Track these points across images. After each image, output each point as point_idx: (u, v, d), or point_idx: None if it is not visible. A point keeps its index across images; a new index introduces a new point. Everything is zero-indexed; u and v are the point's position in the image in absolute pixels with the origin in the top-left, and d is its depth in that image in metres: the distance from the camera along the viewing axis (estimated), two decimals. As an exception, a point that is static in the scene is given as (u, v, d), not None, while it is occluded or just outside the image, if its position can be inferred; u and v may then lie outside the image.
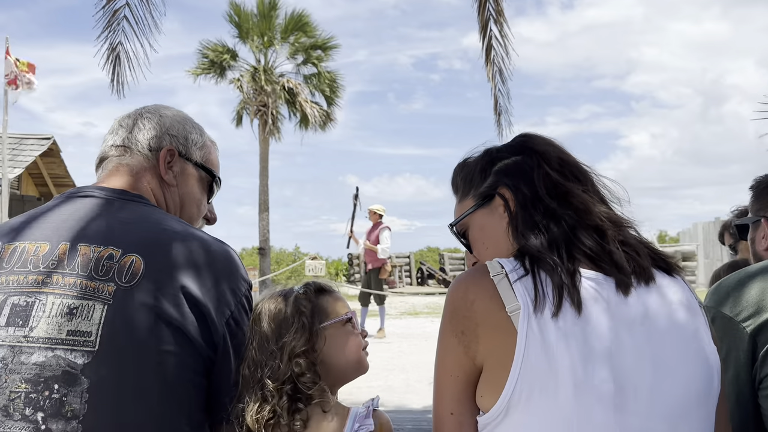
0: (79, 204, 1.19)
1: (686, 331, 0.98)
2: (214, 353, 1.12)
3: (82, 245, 1.10)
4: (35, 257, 1.09)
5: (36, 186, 14.90)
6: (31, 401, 0.99)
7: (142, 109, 1.37)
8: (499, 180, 1.12)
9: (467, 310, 0.95)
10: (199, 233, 1.20)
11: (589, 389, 0.88)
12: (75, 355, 1.01)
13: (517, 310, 0.91)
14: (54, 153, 14.12)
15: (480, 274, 0.97)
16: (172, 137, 1.33)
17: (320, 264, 10.51)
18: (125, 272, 1.07)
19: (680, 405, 0.94)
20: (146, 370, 1.03)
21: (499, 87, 6.01)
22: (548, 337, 0.89)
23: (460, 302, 0.97)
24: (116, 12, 5.05)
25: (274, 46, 19.90)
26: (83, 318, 1.03)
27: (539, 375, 0.88)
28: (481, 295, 0.95)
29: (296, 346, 1.17)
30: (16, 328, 1.03)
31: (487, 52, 5.88)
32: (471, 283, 0.97)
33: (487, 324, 0.93)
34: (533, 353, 0.89)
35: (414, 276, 21.61)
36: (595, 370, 0.89)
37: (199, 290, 1.10)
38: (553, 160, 1.11)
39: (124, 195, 1.22)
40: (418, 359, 7.52)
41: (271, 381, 1.14)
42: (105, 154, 1.32)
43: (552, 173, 1.08)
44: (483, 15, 5.74)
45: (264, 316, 1.22)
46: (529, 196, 1.07)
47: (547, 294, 0.92)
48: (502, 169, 1.13)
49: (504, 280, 0.95)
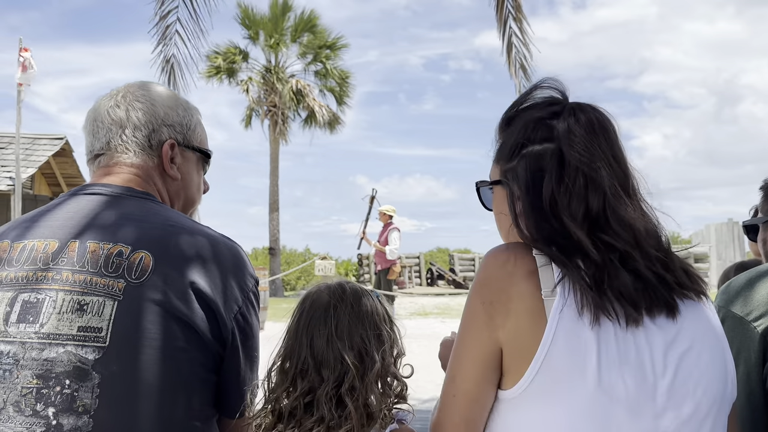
0: (85, 201, 1.19)
1: (714, 347, 0.97)
2: (223, 349, 1.13)
3: (92, 242, 1.11)
4: (44, 254, 1.10)
5: (49, 186, 15.03)
6: (42, 396, 1.00)
7: (131, 97, 1.29)
8: (514, 173, 1.01)
9: (503, 281, 0.91)
10: (207, 230, 1.21)
11: (610, 392, 0.86)
12: (86, 350, 1.02)
13: (552, 297, 0.88)
14: (66, 153, 14.24)
15: (524, 248, 0.94)
16: (169, 128, 1.30)
17: (330, 264, 10.53)
18: (135, 269, 1.08)
19: (702, 411, 0.93)
20: (156, 365, 1.04)
21: (523, 83, 6.00)
22: (576, 335, 0.87)
23: (498, 271, 0.93)
24: (168, 27, 5.40)
25: (285, 46, 19.97)
26: (94, 314, 1.04)
27: (560, 371, 0.86)
28: (522, 269, 0.91)
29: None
30: (26, 325, 1.04)
31: (508, 49, 5.90)
32: (513, 254, 0.94)
33: (521, 301, 0.89)
34: (558, 348, 0.86)
35: (424, 277, 21.59)
36: (619, 374, 0.87)
37: (208, 286, 1.11)
38: (599, 168, 0.96)
39: (131, 192, 1.22)
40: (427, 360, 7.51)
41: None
42: (100, 149, 1.28)
43: (585, 192, 0.95)
44: (502, 13, 5.76)
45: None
46: (536, 205, 0.97)
47: (588, 297, 0.88)
48: (525, 158, 1.00)
49: (546, 262, 0.91)
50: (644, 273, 0.93)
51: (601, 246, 0.92)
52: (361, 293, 1.19)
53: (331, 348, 1.12)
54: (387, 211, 9.80)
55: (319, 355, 1.12)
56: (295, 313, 1.20)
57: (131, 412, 1.02)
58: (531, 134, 1.01)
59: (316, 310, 1.16)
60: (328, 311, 1.15)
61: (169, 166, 1.30)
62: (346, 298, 1.17)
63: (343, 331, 1.13)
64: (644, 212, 0.99)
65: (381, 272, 9.73)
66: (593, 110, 1.02)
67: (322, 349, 1.12)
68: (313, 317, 1.16)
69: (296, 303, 1.23)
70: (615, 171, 0.98)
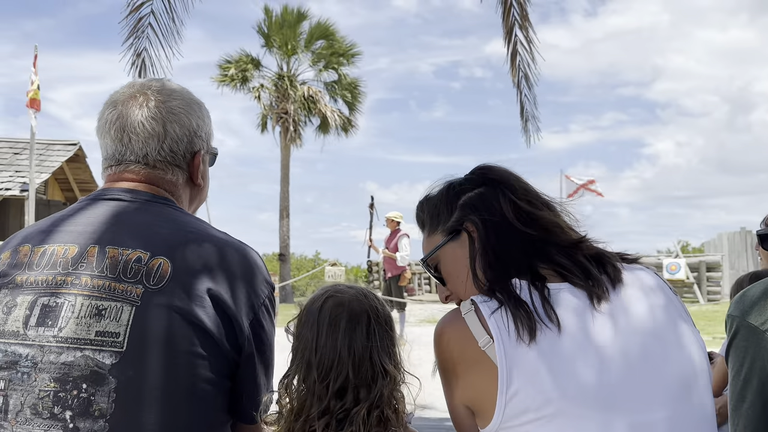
0: (105, 206, 1.20)
1: (665, 317, 1.03)
2: (239, 355, 1.13)
3: (111, 248, 1.12)
4: (64, 259, 1.11)
5: (62, 191, 15.16)
6: (59, 400, 1.01)
7: (164, 108, 1.25)
8: (465, 214, 1.12)
9: (444, 353, 1.02)
10: (224, 236, 1.22)
11: (581, 401, 0.92)
12: (103, 355, 1.03)
13: (489, 343, 0.95)
14: (80, 159, 14.37)
15: (452, 315, 1.04)
16: (198, 138, 1.30)
17: (340, 270, 10.55)
18: (153, 275, 1.09)
19: (677, 388, 0.98)
20: (172, 371, 1.05)
21: (525, 93, 5.98)
22: (529, 361, 0.93)
23: (438, 344, 1.04)
24: (141, 19, 5.21)
25: (298, 54, 20.11)
26: (112, 319, 1.05)
27: (526, 400, 0.92)
28: (454, 334, 1.01)
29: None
30: (45, 328, 1.05)
31: (512, 57, 5.84)
32: (445, 325, 1.04)
33: (464, 361, 0.99)
34: (516, 381, 0.92)
35: (433, 283, 21.54)
36: (583, 381, 0.92)
37: (225, 293, 1.11)
38: (517, 189, 1.13)
39: (151, 197, 1.23)
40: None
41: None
42: (135, 160, 1.25)
43: (518, 201, 1.10)
44: (508, 21, 5.71)
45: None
46: (498, 224, 1.08)
47: (521, 320, 0.95)
48: (467, 203, 1.13)
49: (473, 317, 0.99)
50: (581, 259, 1.05)
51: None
52: (380, 299, 1.20)
53: (374, 364, 1.08)
54: (394, 218, 9.76)
55: (363, 372, 1.07)
56: (321, 322, 1.11)
57: (146, 417, 1.02)
58: (456, 188, 1.18)
59: (356, 322, 1.10)
60: (370, 324, 1.11)
61: (197, 177, 1.31)
62: (379, 308, 1.15)
63: (386, 345, 1.11)
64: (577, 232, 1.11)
65: (391, 279, 9.69)
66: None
67: (366, 365, 1.07)
68: (355, 331, 1.09)
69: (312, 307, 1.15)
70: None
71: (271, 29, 19.50)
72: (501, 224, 1.08)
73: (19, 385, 1.02)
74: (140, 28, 5.22)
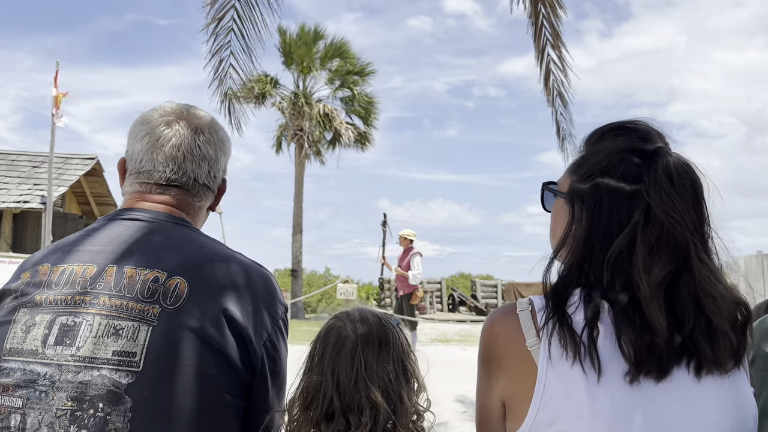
0: (124, 226, 1.22)
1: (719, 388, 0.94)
2: (253, 376, 1.14)
3: (129, 267, 1.13)
4: (83, 279, 1.13)
5: (78, 204, 15.33)
6: (76, 419, 1.02)
7: (215, 137, 1.33)
8: (587, 198, 0.99)
9: (492, 342, 1.01)
10: (240, 256, 1.23)
11: (610, 424, 0.89)
12: (120, 374, 1.04)
13: (536, 345, 0.95)
14: (97, 172, 14.54)
15: (507, 309, 1.03)
16: (224, 170, 1.39)
17: (352, 288, 10.53)
18: (170, 294, 1.10)
19: None
20: (187, 391, 1.05)
21: (561, 111, 5.96)
22: (569, 375, 0.91)
23: (487, 334, 1.03)
24: (222, 62, 5.39)
25: (314, 72, 20.36)
26: (128, 339, 1.06)
27: (560, 409, 0.91)
28: (505, 328, 1.00)
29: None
30: (63, 347, 1.06)
31: (545, 77, 5.86)
32: (497, 317, 1.03)
33: (510, 356, 0.98)
34: (553, 388, 0.92)
35: (445, 302, 21.43)
36: (618, 409, 0.89)
37: (240, 313, 1.13)
38: (684, 230, 0.93)
39: (168, 218, 1.25)
40: (447, 387, 7.43)
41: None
42: (161, 177, 1.27)
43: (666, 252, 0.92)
44: (539, 41, 5.72)
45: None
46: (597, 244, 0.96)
47: (566, 343, 0.92)
48: (602, 191, 0.98)
49: (527, 315, 0.98)
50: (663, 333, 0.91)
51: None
52: (386, 325, 1.18)
53: (360, 390, 1.09)
54: (407, 236, 9.76)
55: (346, 397, 1.09)
56: (316, 348, 1.18)
57: None
58: (614, 165, 0.99)
59: (342, 347, 1.13)
60: (356, 349, 1.12)
61: (218, 203, 1.37)
62: (372, 333, 1.15)
63: (372, 371, 1.10)
64: (717, 278, 0.96)
65: (403, 297, 9.67)
66: (685, 166, 0.98)
67: (350, 391, 1.09)
68: (339, 355, 1.12)
69: (318, 329, 1.22)
70: (698, 233, 0.96)
71: (291, 47, 19.79)
72: (599, 243, 0.96)
73: (37, 404, 1.03)
74: (223, 69, 5.32)
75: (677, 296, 0.93)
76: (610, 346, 0.91)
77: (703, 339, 0.92)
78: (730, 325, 0.94)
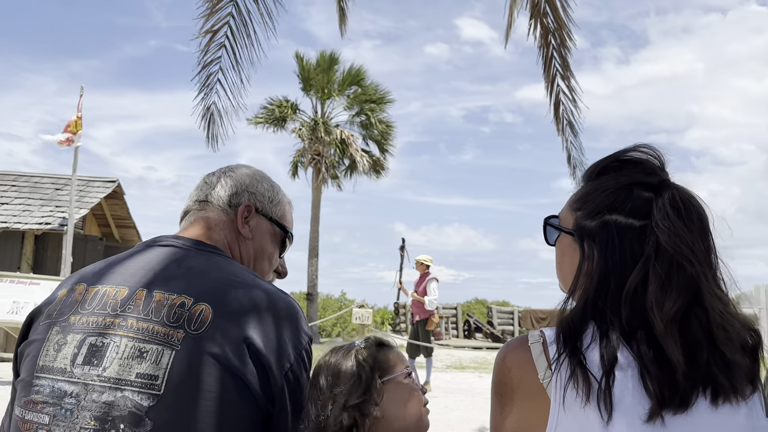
0: (157, 252, 1.26)
1: None
2: (272, 405, 1.14)
3: (158, 292, 1.16)
4: (114, 301, 1.16)
5: (99, 226, 15.53)
6: None
7: (227, 168, 1.48)
8: (597, 236, 1.00)
9: (504, 376, 1.00)
10: (266, 284, 1.25)
11: None
12: (141, 397, 1.06)
13: (548, 378, 0.94)
14: (118, 195, 14.76)
15: (518, 342, 1.02)
16: (251, 194, 1.42)
17: (367, 312, 10.48)
18: (195, 320, 1.12)
19: None
20: (206, 416, 1.07)
21: (571, 140, 6.01)
22: (581, 411, 0.91)
23: (499, 368, 1.02)
24: (210, 76, 5.53)
25: (333, 98, 20.65)
26: (152, 362, 1.08)
27: None
28: (517, 362, 0.99)
29: (350, 398, 1.19)
30: (91, 367, 1.09)
31: (555, 107, 5.93)
32: (509, 351, 1.02)
33: (522, 390, 0.97)
34: (565, 422, 0.91)
35: (461, 328, 21.25)
36: None
37: (262, 342, 1.14)
38: (694, 263, 0.94)
39: (200, 245, 1.29)
40: (463, 415, 7.33)
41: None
42: (189, 208, 1.42)
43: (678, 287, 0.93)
44: (549, 71, 5.80)
45: (323, 369, 1.25)
46: (611, 283, 0.96)
47: (578, 383, 0.91)
48: (609, 227, 0.99)
49: (540, 349, 0.98)
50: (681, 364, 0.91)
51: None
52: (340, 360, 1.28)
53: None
54: (424, 261, 9.74)
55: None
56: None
57: None
58: (621, 201, 1.00)
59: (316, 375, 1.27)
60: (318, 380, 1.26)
61: (241, 224, 1.38)
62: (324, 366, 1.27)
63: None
64: (728, 310, 0.96)
65: (419, 323, 9.61)
66: (691, 198, 1.00)
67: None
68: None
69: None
70: (707, 265, 0.97)
71: (309, 74, 20.11)
72: (614, 282, 0.96)
73: (62, 421, 1.06)
74: (209, 84, 5.55)
75: (689, 329, 0.93)
76: (627, 385, 0.91)
77: (718, 370, 0.92)
78: (741, 352, 0.95)
